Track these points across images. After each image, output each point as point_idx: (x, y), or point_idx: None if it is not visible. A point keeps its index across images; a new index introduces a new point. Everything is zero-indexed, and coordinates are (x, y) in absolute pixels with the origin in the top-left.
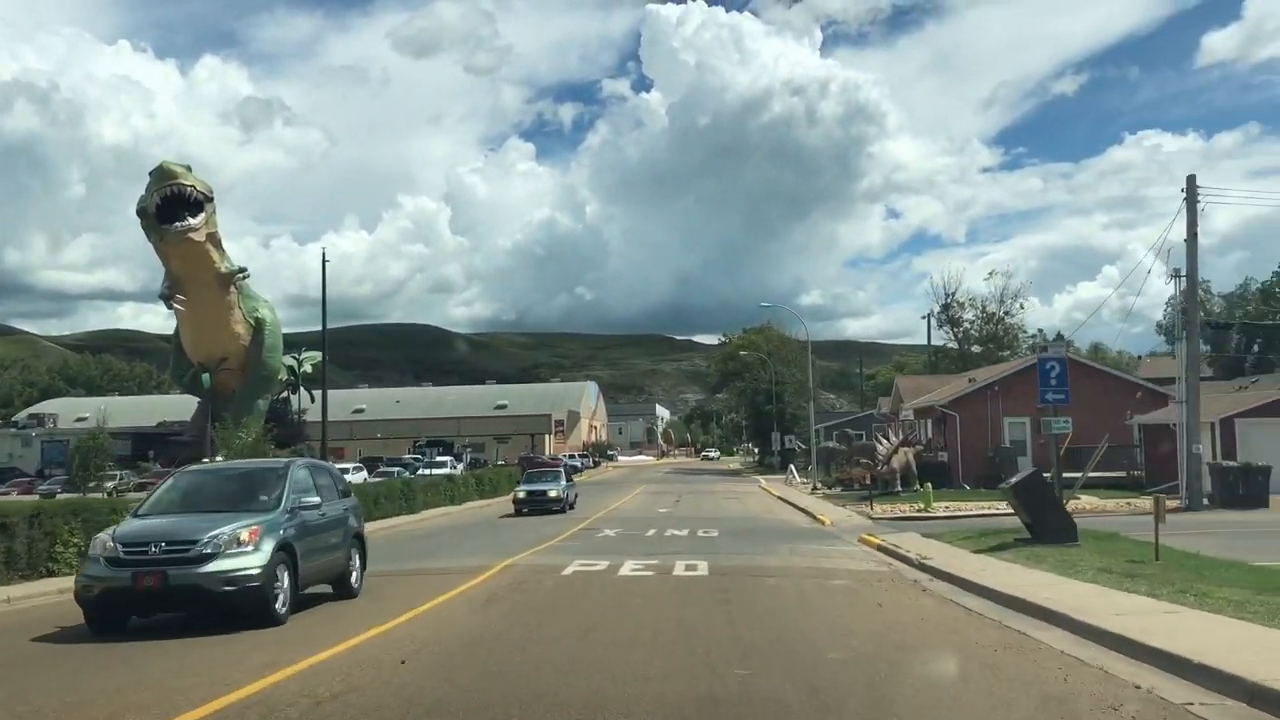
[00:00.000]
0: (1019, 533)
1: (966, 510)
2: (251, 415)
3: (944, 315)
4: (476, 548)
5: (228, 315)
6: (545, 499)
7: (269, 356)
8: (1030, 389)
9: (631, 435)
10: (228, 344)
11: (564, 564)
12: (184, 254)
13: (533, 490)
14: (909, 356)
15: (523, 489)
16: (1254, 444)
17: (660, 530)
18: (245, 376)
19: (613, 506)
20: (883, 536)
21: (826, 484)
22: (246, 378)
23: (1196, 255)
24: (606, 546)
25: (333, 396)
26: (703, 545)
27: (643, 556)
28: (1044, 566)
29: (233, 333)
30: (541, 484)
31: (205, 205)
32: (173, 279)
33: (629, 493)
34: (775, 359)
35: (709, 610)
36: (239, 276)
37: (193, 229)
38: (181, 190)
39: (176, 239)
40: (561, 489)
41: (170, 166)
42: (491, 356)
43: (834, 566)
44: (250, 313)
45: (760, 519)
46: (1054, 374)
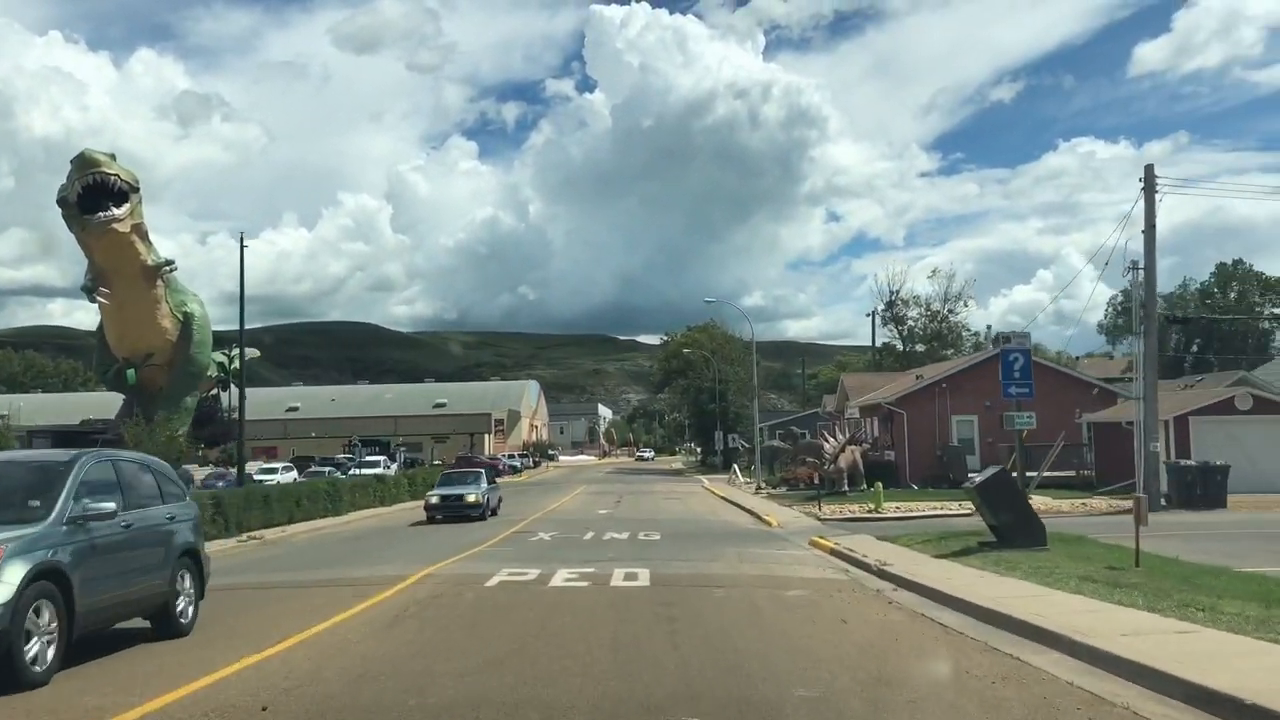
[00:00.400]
0: (981, 535)
1: (918, 511)
2: (179, 413)
3: (888, 313)
4: (399, 553)
5: (154, 309)
6: (461, 504)
7: (197, 352)
8: (979, 386)
9: (573, 435)
10: (154, 339)
11: (490, 573)
12: (107, 245)
13: (447, 494)
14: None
15: (436, 493)
16: (1207, 442)
17: (599, 533)
18: (172, 373)
19: (550, 508)
20: (835, 539)
21: (771, 484)
22: (174, 374)
23: (1155, 247)
24: (540, 552)
25: (266, 394)
26: (644, 550)
27: (578, 564)
28: (1017, 574)
29: (159, 327)
30: (458, 487)
31: (130, 195)
32: (96, 271)
33: (568, 493)
34: (719, 357)
35: (650, 631)
36: (166, 269)
37: (116, 219)
38: (105, 179)
39: (99, 230)
40: (481, 493)
41: (92, 154)
42: (432, 356)
43: (787, 574)
44: (178, 307)
45: (704, 520)
46: (1017, 366)
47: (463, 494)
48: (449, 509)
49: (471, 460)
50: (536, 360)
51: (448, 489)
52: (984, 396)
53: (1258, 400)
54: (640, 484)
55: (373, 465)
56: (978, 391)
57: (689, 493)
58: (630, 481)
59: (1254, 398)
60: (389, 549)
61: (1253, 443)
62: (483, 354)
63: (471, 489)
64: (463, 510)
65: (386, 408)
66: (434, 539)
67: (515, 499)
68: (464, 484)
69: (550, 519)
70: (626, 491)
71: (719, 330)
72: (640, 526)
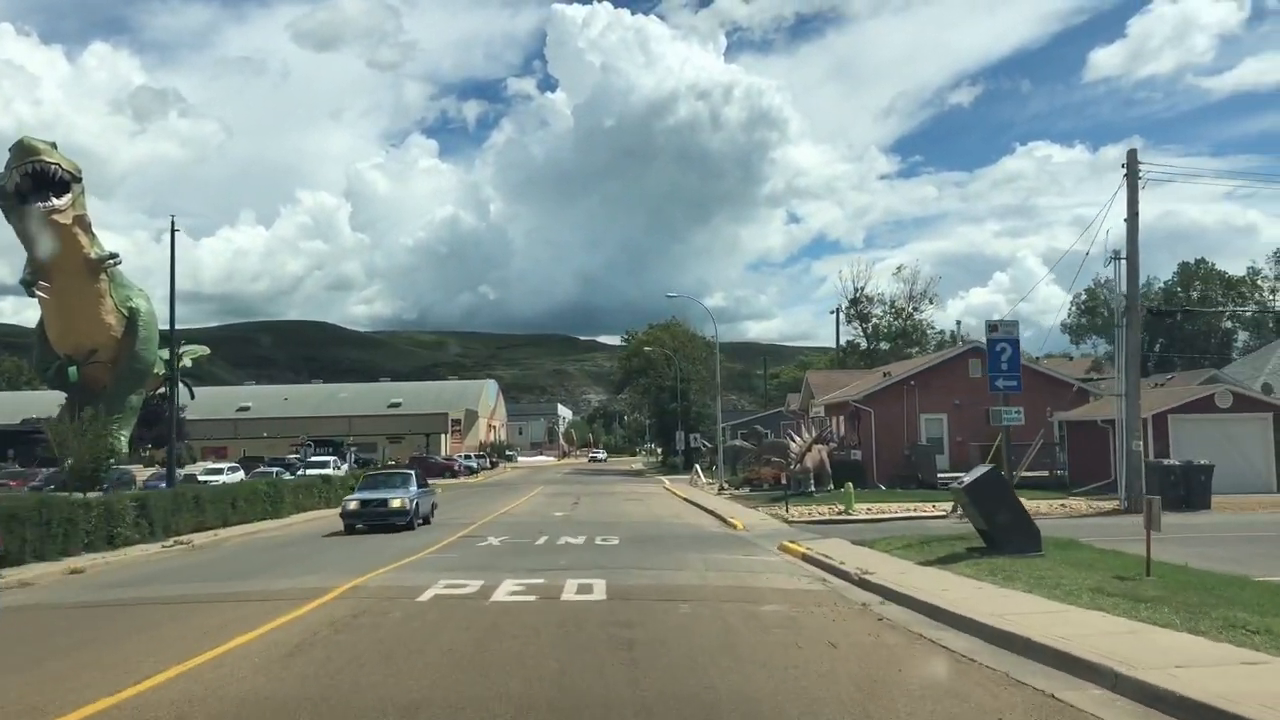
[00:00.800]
0: (968, 540)
1: (890, 512)
2: (124, 412)
3: (852, 310)
4: (332, 560)
5: (97, 304)
6: (385, 511)
7: (143, 349)
8: (948, 384)
9: (532, 435)
10: (97, 335)
11: (425, 585)
12: (48, 237)
13: (369, 499)
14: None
15: (355, 497)
16: (1185, 441)
17: (553, 538)
18: (117, 370)
19: (504, 510)
20: (806, 544)
21: (733, 484)
22: (118, 372)
23: (1138, 235)
24: (486, 559)
25: (217, 393)
26: (601, 556)
27: (527, 573)
28: (1020, 585)
29: (103, 323)
30: (381, 490)
31: (72, 185)
32: (36, 264)
33: (524, 495)
34: (680, 356)
35: (605, 662)
36: (110, 263)
37: (57, 210)
38: (45, 168)
39: (40, 221)
40: (409, 497)
41: (31, 142)
42: (391, 355)
43: (760, 585)
44: (123, 302)
45: (666, 523)
46: (1005, 357)
47: (386, 499)
48: (370, 516)
49: (425, 461)
50: (497, 360)
51: (369, 493)
52: (954, 394)
53: (1238, 398)
54: (600, 485)
55: (322, 466)
56: (947, 389)
57: (650, 494)
58: (589, 482)
59: (1234, 395)
60: (323, 555)
61: (1232, 441)
62: (442, 354)
63: (397, 493)
64: (386, 518)
65: (340, 407)
66: (372, 544)
67: (468, 501)
68: (389, 487)
69: (502, 522)
70: (585, 493)
71: (681, 328)
72: (598, 530)
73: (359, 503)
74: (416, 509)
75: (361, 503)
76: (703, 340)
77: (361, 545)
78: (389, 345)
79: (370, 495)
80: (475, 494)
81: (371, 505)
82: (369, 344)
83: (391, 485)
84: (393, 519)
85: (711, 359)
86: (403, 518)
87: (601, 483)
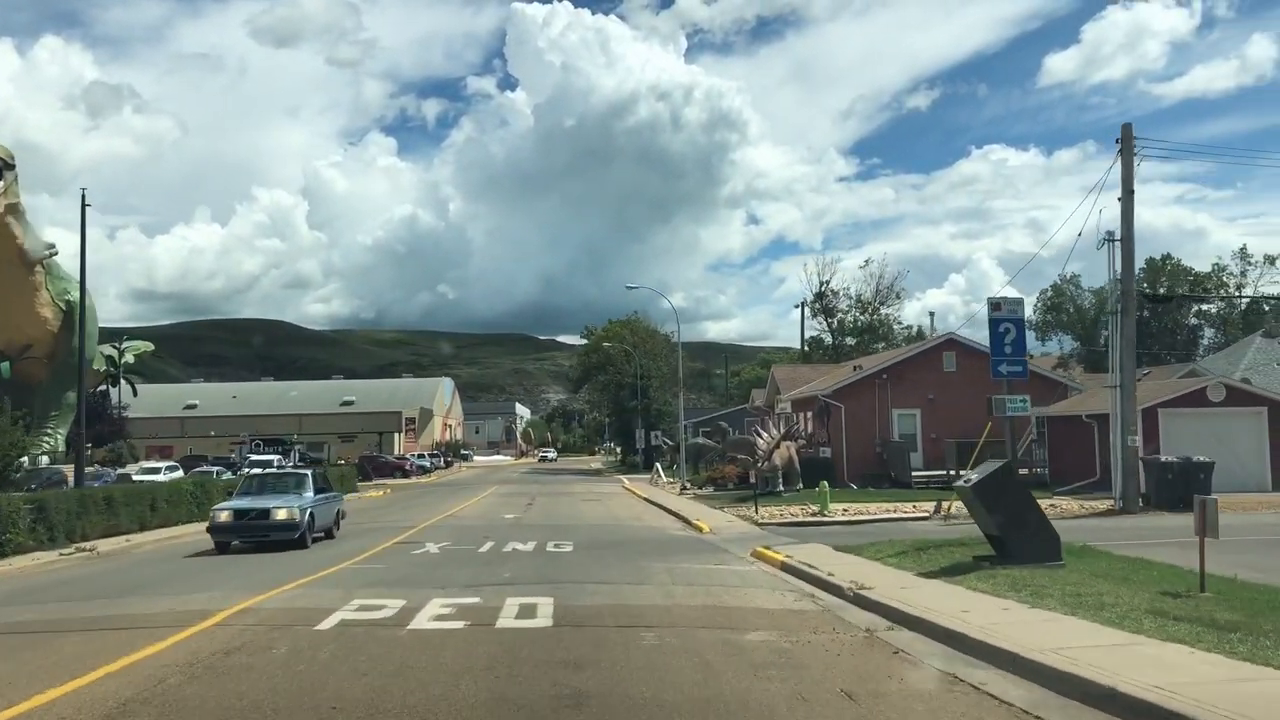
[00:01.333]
0: (968, 545)
1: (869, 513)
2: (61, 409)
3: (818, 305)
4: (240, 571)
5: (32, 297)
6: (266, 524)
7: None
8: (922, 378)
9: (490, 435)
10: (32, 329)
11: (334, 606)
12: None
13: (245, 509)
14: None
15: (228, 506)
16: (1175, 437)
17: (500, 543)
18: (54, 366)
19: (451, 511)
20: (784, 550)
21: (696, 483)
22: (55, 368)
23: (1133, 215)
24: (417, 571)
25: (164, 391)
26: (552, 567)
27: (462, 589)
28: (1053, 604)
29: (38, 317)
30: (264, 498)
31: (4, 172)
32: None
33: (476, 495)
34: (641, 352)
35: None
36: (46, 254)
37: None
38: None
39: None
40: (300, 507)
41: None
42: (347, 354)
43: (739, 604)
44: (60, 295)
45: (626, 526)
46: (1008, 339)
47: (269, 508)
48: (246, 531)
49: (375, 460)
50: (456, 360)
51: (248, 500)
52: (927, 389)
53: (1231, 391)
54: (556, 485)
55: (265, 465)
56: (921, 383)
57: (609, 493)
58: (546, 482)
59: (1227, 388)
60: (234, 565)
61: (1226, 437)
62: (399, 353)
63: (284, 501)
64: (266, 532)
65: (291, 405)
66: (294, 551)
67: (415, 502)
68: (275, 493)
69: (446, 525)
70: (541, 493)
71: (641, 324)
72: (551, 534)
73: (232, 513)
74: (311, 521)
75: (235, 513)
76: (664, 336)
77: (281, 553)
78: (346, 344)
79: (247, 503)
80: (424, 494)
81: (249, 516)
82: (325, 343)
83: (278, 490)
84: (275, 533)
85: (672, 355)
86: (290, 531)
87: (558, 482)
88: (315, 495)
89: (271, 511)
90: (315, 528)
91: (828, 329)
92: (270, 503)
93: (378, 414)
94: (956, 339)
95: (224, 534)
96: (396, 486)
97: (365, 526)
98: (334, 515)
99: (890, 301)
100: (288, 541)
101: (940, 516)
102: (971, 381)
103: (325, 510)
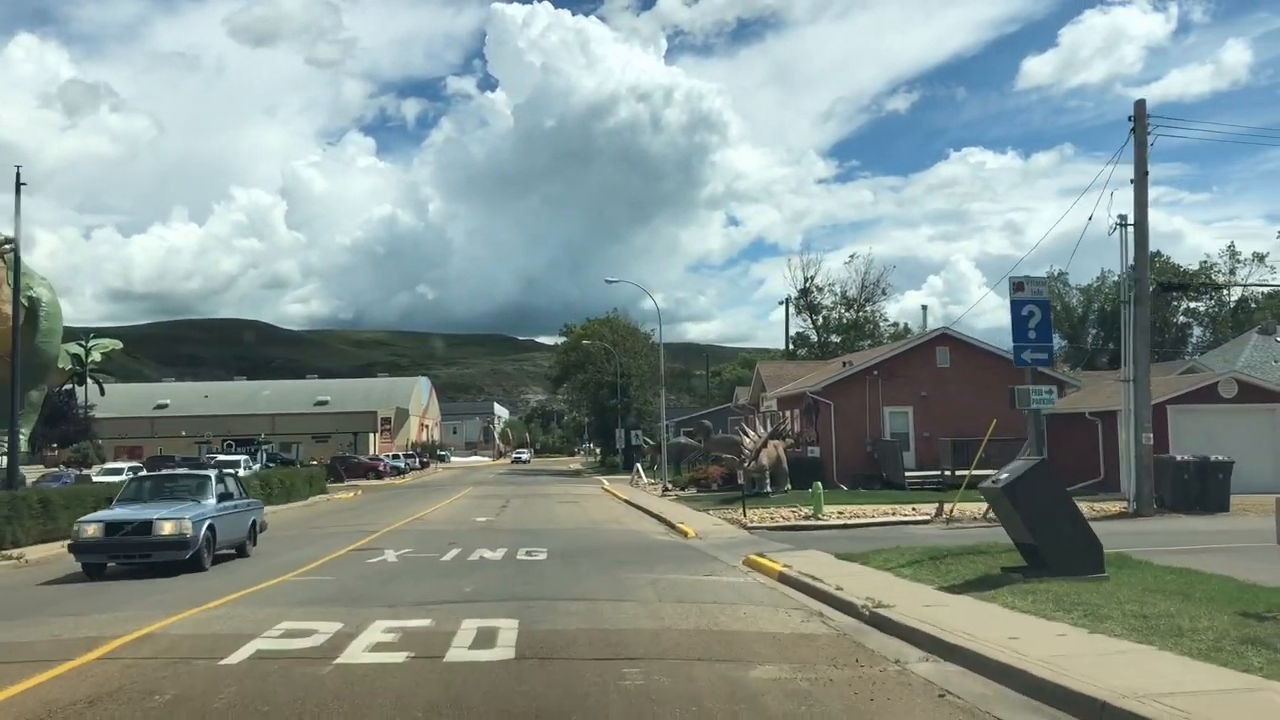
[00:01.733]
0: (988, 553)
1: (865, 516)
2: (24, 409)
3: (802, 301)
4: (151, 588)
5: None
6: (147, 541)
7: (44, 343)
8: (915, 374)
9: (467, 435)
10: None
11: (255, 630)
12: None
13: (119, 521)
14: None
15: (97, 518)
16: (1185, 435)
17: (467, 550)
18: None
19: (418, 515)
20: (780, 558)
21: (678, 484)
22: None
23: (1147, 198)
24: (366, 585)
25: (135, 390)
26: (521, 578)
27: (412, 608)
28: (1116, 628)
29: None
30: (146, 507)
31: None
32: None
33: (449, 497)
34: (621, 350)
35: None
36: (4, 247)
37: None
38: None
39: None
40: (195, 518)
41: None
42: (324, 355)
43: (738, 626)
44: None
45: (605, 531)
46: (1033, 323)
47: (150, 520)
48: (120, 550)
49: (347, 461)
50: (435, 360)
51: (126, 510)
52: (920, 386)
53: (1243, 387)
54: (533, 486)
55: (232, 465)
56: (913, 380)
57: (587, 495)
58: (522, 484)
59: (1239, 384)
60: (164, 577)
61: (1237, 435)
62: (378, 353)
63: (173, 511)
64: (146, 550)
65: (264, 405)
66: (232, 561)
67: (384, 504)
68: (164, 501)
69: (412, 530)
70: (516, 494)
71: (622, 322)
72: (524, 540)
73: (103, 526)
74: (211, 535)
75: (107, 526)
76: (644, 334)
77: (220, 557)
78: (323, 344)
79: (125, 514)
80: (395, 496)
81: (124, 531)
82: (302, 343)
83: (170, 496)
84: (160, 553)
85: (653, 353)
86: (177, 550)
87: (535, 484)
88: (219, 503)
89: (154, 524)
90: (219, 544)
91: (813, 326)
92: (154, 513)
93: (352, 414)
94: (950, 333)
95: (91, 554)
96: (368, 488)
97: (325, 531)
98: (248, 528)
99: (876, 298)
100: (176, 563)
101: (942, 520)
102: (967, 378)
103: (234, 522)
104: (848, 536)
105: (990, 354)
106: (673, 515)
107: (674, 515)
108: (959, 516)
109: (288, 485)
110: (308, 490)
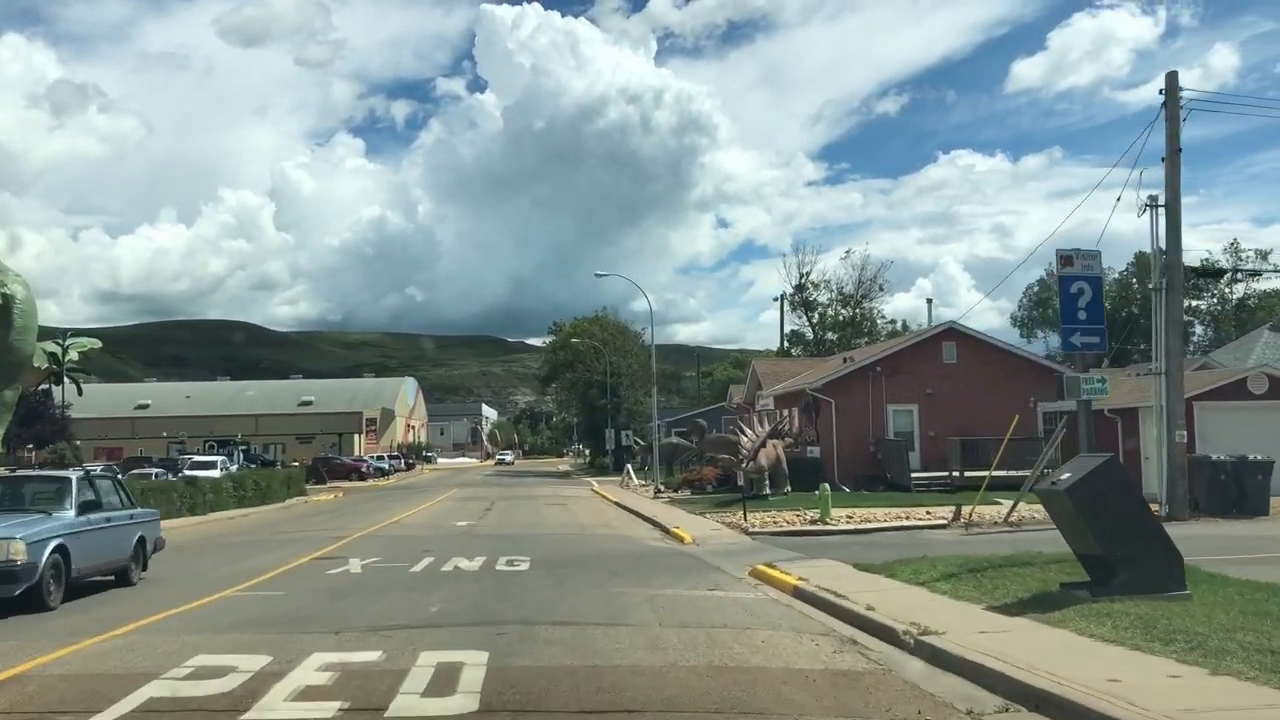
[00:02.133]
0: (1032, 563)
1: (876, 520)
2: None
3: (797, 297)
4: (101, 598)
5: None
6: None
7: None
8: (919, 370)
9: (455, 436)
10: None
11: (156, 668)
12: None
13: None
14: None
15: None
16: (1212, 433)
17: (441, 559)
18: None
19: (396, 518)
20: (792, 569)
21: (671, 485)
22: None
23: (1179, 177)
24: (316, 602)
25: (115, 390)
26: (498, 593)
27: (362, 633)
28: (1241, 665)
29: None
30: None
31: None
32: None
33: (431, 499)
34: (611, 349)
35: None
36: None
37: None
38: None
39: None
40: (32, 539)
41: None
42: (312, 356)
43: (759, 661)
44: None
45: (595, 536)
46: (1082, 301)
47: None
48: None
49: (330, 462)
50: (423, 361)
51: None
52: (925, 383)
53: (1274, 382)
54: (520, 488)
55: (209, 466)
56: (918, 376)
57: (575, 497)
58: (509, 485)
59: (1270, 379)
60: (105, 588)
61: (1266, 432)
62: (367, 355)
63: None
64: None
65: (247, 405)
66: (169, 567)
67: (363, 507)
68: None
69: (385, 535)
70: (502, 497)
71: (611, 320)
72: (506, 547)
73: None
74: (62, 561)
75: None
76: (634, 333)
77: (162, 566)
78: (312, 346)
79: None
80: (376, 499)
81: None
82: (290, 344)
83: (10, 507)
84: None
85: (643, 352)
86: (5, 585)
87: (522, 485)
88: (79, 515)
89: None
90: (81, 569)
91: (808, 324)
92: None
93: (337, 414)
94: (958, 328)
95: None
96: (350, 490)
97: (290, 536)
98: (132, 547)
99: (874, 295)
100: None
101: (961, 524)
102: (975, 374)
103: (104, 540)
104: (860, 543)
105: (1000, 350)
106: (667, 519)
107: (668, 519)
108: (978, 521)
109: (263, 487)
110: (285, 492)
